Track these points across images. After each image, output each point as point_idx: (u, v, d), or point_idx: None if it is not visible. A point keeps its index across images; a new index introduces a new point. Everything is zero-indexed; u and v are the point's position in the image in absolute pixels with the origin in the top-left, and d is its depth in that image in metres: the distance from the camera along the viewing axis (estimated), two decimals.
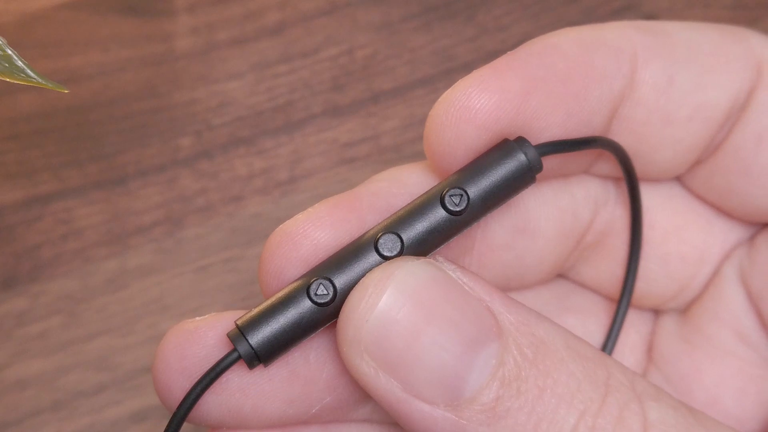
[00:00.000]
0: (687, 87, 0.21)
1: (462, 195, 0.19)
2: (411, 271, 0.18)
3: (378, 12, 0.38)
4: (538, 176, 0.20)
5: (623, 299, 0.24)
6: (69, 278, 0.34)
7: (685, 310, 0.24)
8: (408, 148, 0.36)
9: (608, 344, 0.24)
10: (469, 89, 0.20)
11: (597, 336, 0.25)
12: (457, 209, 0.19)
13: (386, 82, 0.37)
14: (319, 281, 0.19)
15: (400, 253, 0.19)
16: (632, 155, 0.22)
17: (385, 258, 0.19)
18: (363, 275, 0.19)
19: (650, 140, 0.22)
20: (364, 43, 0.38)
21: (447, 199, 0.19)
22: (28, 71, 0.22)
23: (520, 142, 0.20)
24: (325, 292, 0.19)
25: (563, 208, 0.23)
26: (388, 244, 0.19)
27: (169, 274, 0.34)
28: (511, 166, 0.20)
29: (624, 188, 0.23)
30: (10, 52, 0.22)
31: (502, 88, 0.20)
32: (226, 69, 0.37)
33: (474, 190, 0.20)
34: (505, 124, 0.20)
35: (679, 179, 0.24)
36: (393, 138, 0.36)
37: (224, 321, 0.20)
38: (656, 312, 0.25)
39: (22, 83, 0.22)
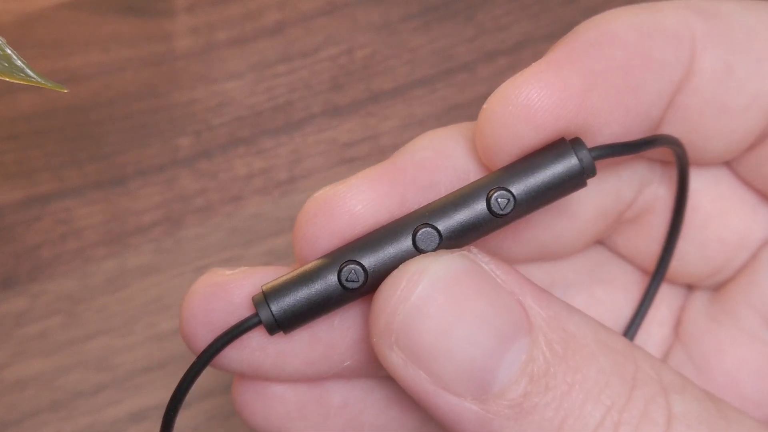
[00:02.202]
0: (745, 75, 0.21)
1: (509, 199, 0.19)
2: (445, 266, 0.18)
3: (377, 12, 0.38)
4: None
5: (653, 284, 0.24)
6: (68, 278, 0.34)
7: (717, 289, 0.24)
8: None
9: (632, 327, 0.24)
10: (529, 86, 0.19)
11: (624, 309, 0.25)
12: (502, 212, 0.19)
13: (386, 82, 0.37)
14: (352, 267, 0.19)
15: (437, 249, 0.19)
16: (686, 142, 0.22)
17: (422, 252, 0.19)
18: (397, 266, 0.19)
19: (704, 129, 0.21)
20: (363, 43, 0.38)
21: (493, 201, 0.19)
22: (28, 71, 0.22)
23: (577, 144, 0.19)
24: (356, 278, 0.19)
25: (607, 190, 0.23)
26: (427, 241, 0.19)
27: (169, 274, 0.34)
28: (563, 170, 0.19)
29: (669, 171, 0.23)
30: (9, 51, 0.22)
31: (564, 85, 0.19)
32: (225, 69, 0.37)
33: (522, 193, 0.19)
34: (565, 123, 0.19)
35: (727, 163, 0.23)
36: (392, 138, 0.36)
37: (253, 278, 0.21)
38: (689, 287, 0.25)
39: (22, 83, 0.22)
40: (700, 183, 0.23)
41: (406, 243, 0.19)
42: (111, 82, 0.37)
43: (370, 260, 0.19)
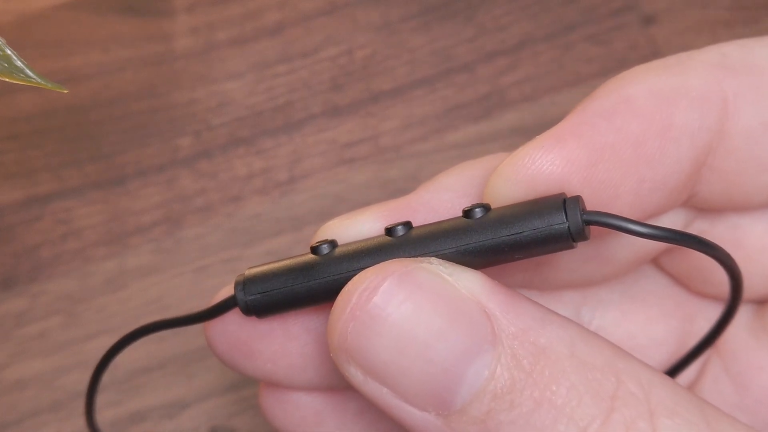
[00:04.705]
0: None
1: (482, 204, 0.19)
2: (399, 280, 0.18)
3: (377, 12, 0.38)
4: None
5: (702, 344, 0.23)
6: (68, 278, 0.34)
7: (761, 303, 0.23)
8: (407, 149, 0.36)
9: (682, 365, 0.23)
10: (528, 159, 0.19)
11: (658, 327, 0.24)
12: (470, 210, 0.19)
13: (385, 83, 0.37)
14: (325, 238, 0.20)
15: (404, 229, 0.19)
16: (724, 199, 0.21)
17: (388, 231, 0.19)
18: (361, 241, 0.19)
19: (744, 186, 0.20)
20: (363, 43, 0.38)
21: (468, 206, 0.19)
22: (28, 71, 0.22)
23: (572, 204, 0.18)
24: (322, 241, 0.20)
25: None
26: (397, 225, 0.19)
27: (169, 274, 0.34)
28: (545, 223, 0.18)
29: (715, 216, 0.22)
30: (9, 52, 0.22)
31: (566, 159, 0.19)
32: (225, 69, 0.37)
33: (499, 211, 0.19)
34: (570, 193, 0.19)
35: None
36: (392, 138, 0.36)
37: None
38: None
39: (22, 83, 0.22)
40: (746, 219, 0.22)
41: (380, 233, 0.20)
42: (111, 82, 0.37)
43: (341, 237, 0.20)
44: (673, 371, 0.23)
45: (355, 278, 0.18)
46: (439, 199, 0.21)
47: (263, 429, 0.32)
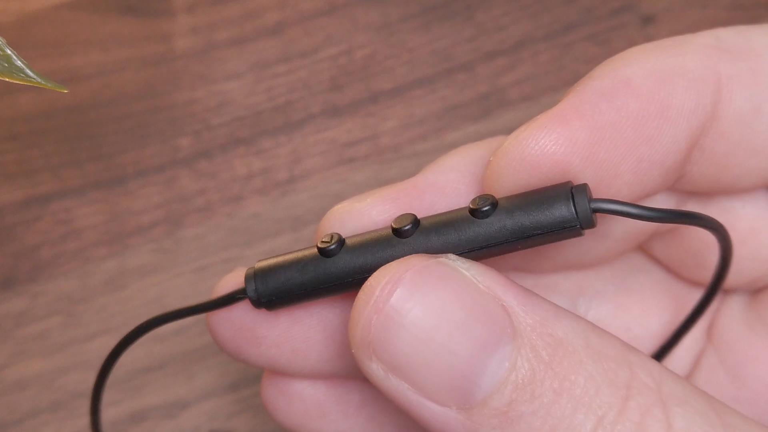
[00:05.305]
0: None
1: (489, 200, 0.19)
2: (420, 273, 0.18)
3: (377, 12, 0.38)
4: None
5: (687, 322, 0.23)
6: (68, 278, 0.34)
7: (755, 293, 0.23)
8: (407, 148, 0.36)
9: (666, 349, 0.24)
10: (531, 140, 0.19)
11: (654, 318, 0.24)
12: (477, 207, 0.19)
13: (385, 82, 0.37)
14: (330, 234, 0.20)
15: (413, 228, 0.19)
16: (713, 181, 0.21)
17: (396, 231, 0.19)
18: (369, 240, 0.19)
19: (733, 169, 0.21)
20: (363, 43, 0.38)
21: (473, 201, 0.19)
22: (28, 71, 0.22)
23: (579, 192, 0.18)
24: (329, 239, 0.20)
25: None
26: (403, 221, 0.19)
27: (169, 274, 0.34)
28: (554, 214, 0.18)
29: (704, 195, 0.22)
30: (9, 51, 0.22)
31: (569, 139, 0.19)
32: (225, 69, 0.37)
33: (506, 204, 0.19)
34: (572, 175, 0.19)
35: None
36: (392, 138, 0.36)
37: None
38: (725, 291, 0.24)
39: (22, 83, 0.22)
40: (736, 203, 0.22)
41: (386, 228, 0.20)
42: (111, 82, 0.37)
43: (349, 233, 0.20)
44: (672, 340, 0.23)
45: (376, 273, 0.18)
46: (445, 180, 0.21)
47: (263, 429, 0.32)
